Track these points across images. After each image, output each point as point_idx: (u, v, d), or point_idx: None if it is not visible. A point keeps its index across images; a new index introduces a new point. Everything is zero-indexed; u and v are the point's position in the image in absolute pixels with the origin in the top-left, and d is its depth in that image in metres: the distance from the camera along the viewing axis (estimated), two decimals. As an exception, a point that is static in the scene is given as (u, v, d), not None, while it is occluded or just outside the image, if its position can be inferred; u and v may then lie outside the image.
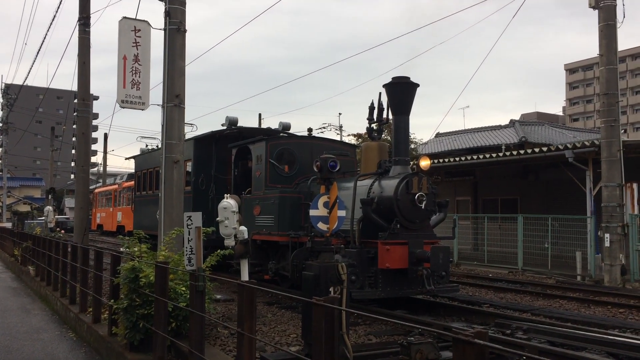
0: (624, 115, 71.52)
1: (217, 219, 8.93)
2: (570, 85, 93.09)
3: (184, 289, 6.49)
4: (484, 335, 2.68)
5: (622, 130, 17.28)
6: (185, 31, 9.03)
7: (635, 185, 14.68)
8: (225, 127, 14.02)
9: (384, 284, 8.71)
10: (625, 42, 68.03)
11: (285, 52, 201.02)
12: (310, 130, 12.87)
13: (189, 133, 17.33)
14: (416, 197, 8.89)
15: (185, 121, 9.80)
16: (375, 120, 10.49)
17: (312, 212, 7.10)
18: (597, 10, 14.32)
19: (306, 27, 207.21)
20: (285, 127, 13.86)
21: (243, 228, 8.83)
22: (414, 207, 8.92)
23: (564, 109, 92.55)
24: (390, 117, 9.99)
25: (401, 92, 9.52)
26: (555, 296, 11.75)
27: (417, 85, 9.53)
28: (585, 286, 13.30)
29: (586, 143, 15.65)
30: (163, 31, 8.93)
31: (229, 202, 8.77)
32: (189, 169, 14.20)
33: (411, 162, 9.87)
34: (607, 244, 13.87)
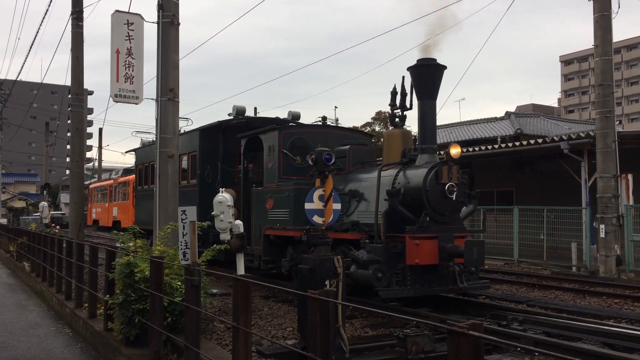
0: (619, 107, 71.67)
1: (212, 213, 8.91)
2: (566, 77, 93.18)
3: (179, 283, 6.48)
4: (479, 327, 2.67)
5: (617, 122, 17.33)
6: (178, 24, 8.97)
7: (630, 176, 14.70)
8: (232, 117, 13.44)
9: (412, 281, 8.16)
10: (620, 33, 68.37)
11: (285, 43, 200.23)
12: (324, 118, 12.25)
13: (184, 127, 17.19)
14: (446, 187, 8.32)
15: (181, 115, 9.79)
16: (398, 106, 9.75)
17: (307, 206, 7.09)
18: (592, 1, 14.30)
19: (307, 17, 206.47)
20: (295, 116, 13.20)
21: (239, 222, 8.83)
22: (444, 199, 8.36)
23: (559, 100, 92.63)
24: (409, 101, 9.47)
25: (428, 74, 8.89)
26: (550, 287, 11.79)
27: (445, 67, 8.95)
28: (581, 277, 13.35)
29: (581, 134, 15.66)
30: (156, 24, 8.88)
31: (224, 196, 8.76)
32: (195, 161, 13.78)
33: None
34: (602, 234, 13.91)
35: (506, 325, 7.54)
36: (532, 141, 17.15)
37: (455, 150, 8.56)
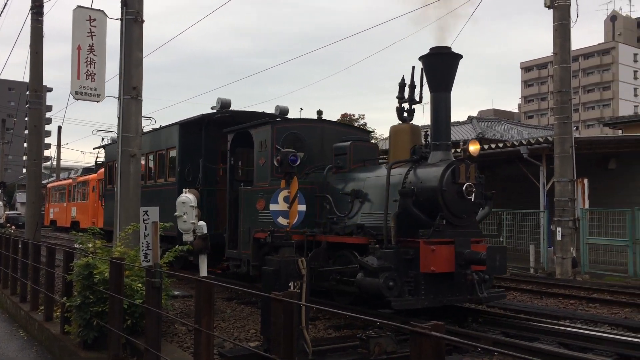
0: (576, 113, 73.86)
1: (176, 213, 8.81)
2: (526, 83, 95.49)
3: (140, 285, 6.37)
4: (441, 328, 2.71)
5: (574, 128, 17.83)
6: (142, 22, 8.84)
7: (586, 181, 15.16)
8: (215, 111, 12.33)
9: (426, 290, 7.47)
10: (578, 41, 70.84)
11: (252, 43, 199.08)
12: (319, 112, 11.00)
13: (147, 126, 16.81)
14: (464, 187, 7.64)
15: (144, 114, 9.60)
16: (406, 99, 8.90)
17: (272, 207, 7.07)
18: (552, 10, 14.70)
19: (275, 18, 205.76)
20: (283, 111, 12.14)
21: (202, 223, 8.76)
22: (461, 200, 7.66)
23: (519, 106, 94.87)
24: (418, 94, 8.87)
25: (442, 64, 8.19)
26: (509, 288, 12.03)
27: (460, 56, 8.26)
28: (538, 278, 13.69)
29: (540, 139, 16.07)
30: (120, 21, 8.73)
31: (187, 197, 8.68)
32: (174, 158, 12.95)
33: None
34: (559, 237, 14.30)
35: (466, 326, 7.67)
36: (493, 145, 17.51)
37: (474, 147, 8.03)
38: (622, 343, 6.51)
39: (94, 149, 27.24)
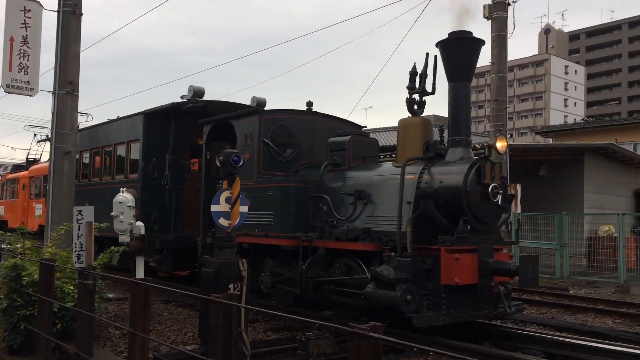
0: (511, 121, 76.97)
1: (112, 213, 8.55)
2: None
3: (72, 287, 6.16)
4: (379, 329, 2.76)
5: (509, 135, 18.56)
6: (81, 14, 8.58)
7: (518, 186, 15.81)
8: (186, 100, 11.11)
9: (447, 304, 6.64)
10: (514, 52, 73.66)
11: (197, 41, 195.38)
12: (309, 104, 9.84)
13: (83, 122, 16.25)
14: (490, 189, 6.82)
15: (80, 110, 9.29)
16: (417, 89, 8.01)
17: (214, 208, 6.97)
18: (490, 21, 15.26)
19: (220, 16, 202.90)
20: (260, 103, 10.76)
21: (139, 223, 8.53)
22: (485, 203, 6.85)
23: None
24: (430, 85, 8.05)
25: (462, 50, 7.34)
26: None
27: (483, 42, 7.46)
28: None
29: (477, 146, 16.63)
30: (57, 13, 8.43)
31: (124, 197, 8.43)
32: (137, 150, 11.71)
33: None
34: (493, 241, 14.83)
35: (405, 327, 7.81)
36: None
37: (501, 144, 7.37)
38: (549, 342, 6.82)
39: (39, 142, 25.10)
